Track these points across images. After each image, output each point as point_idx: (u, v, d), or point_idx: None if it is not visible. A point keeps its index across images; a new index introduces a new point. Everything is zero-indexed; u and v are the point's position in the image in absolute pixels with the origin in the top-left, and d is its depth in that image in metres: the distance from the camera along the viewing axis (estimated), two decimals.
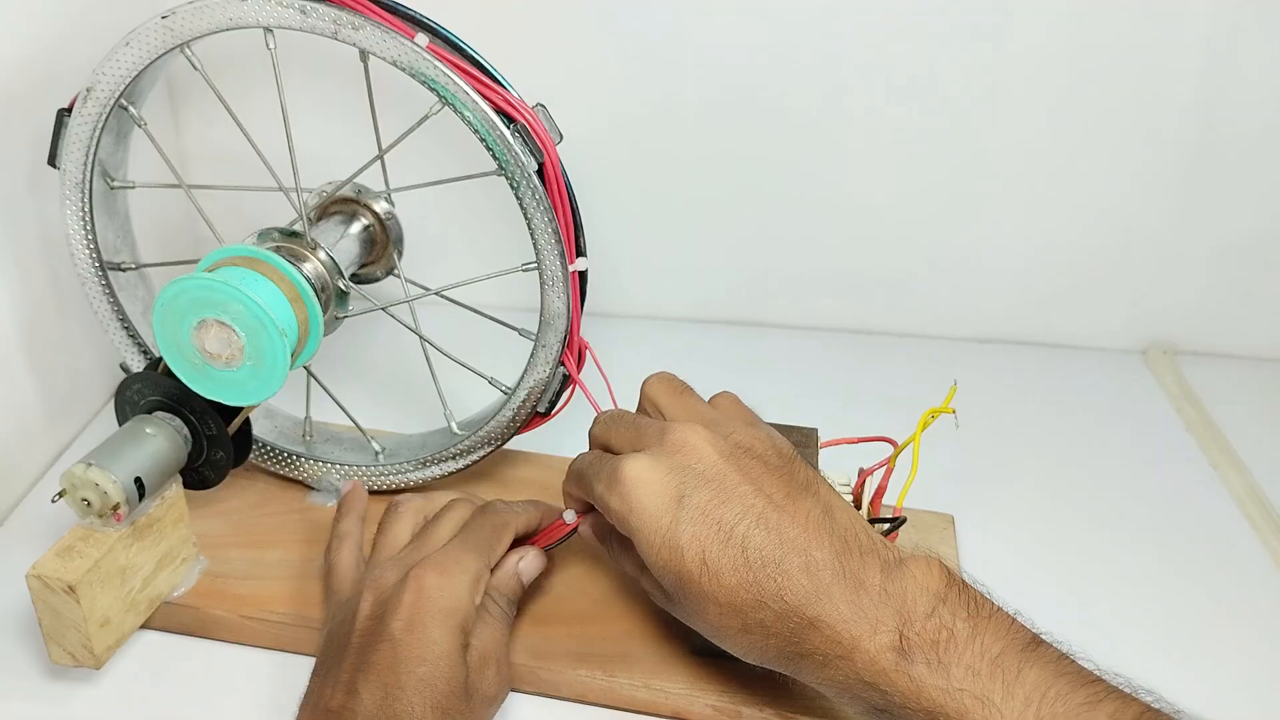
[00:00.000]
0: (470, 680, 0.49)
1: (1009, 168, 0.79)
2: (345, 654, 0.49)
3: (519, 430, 0.62)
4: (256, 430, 0.63)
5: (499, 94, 0.54)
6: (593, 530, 0.55)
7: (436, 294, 0.63)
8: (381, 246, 0.65)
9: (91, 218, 0.61)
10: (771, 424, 0.60)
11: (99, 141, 0.59)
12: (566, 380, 0.61)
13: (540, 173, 0.55)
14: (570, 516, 0.55)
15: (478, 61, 0.55)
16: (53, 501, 0.53)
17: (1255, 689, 0.57)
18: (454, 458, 0.64)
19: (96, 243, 0.62)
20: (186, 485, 0.58)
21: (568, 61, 0.77)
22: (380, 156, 0.60)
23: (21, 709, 0.54)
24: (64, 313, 0.69)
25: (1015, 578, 0.63)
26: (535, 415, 0.62)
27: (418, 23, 0.55)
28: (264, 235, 0.59)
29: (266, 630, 0.57)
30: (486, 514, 0.57)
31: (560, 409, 0.62)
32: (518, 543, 0.57)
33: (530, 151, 0.55)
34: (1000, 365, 0.83)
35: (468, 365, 0.63)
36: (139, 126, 0.60)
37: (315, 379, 0.65)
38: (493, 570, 0.54)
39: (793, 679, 0.47)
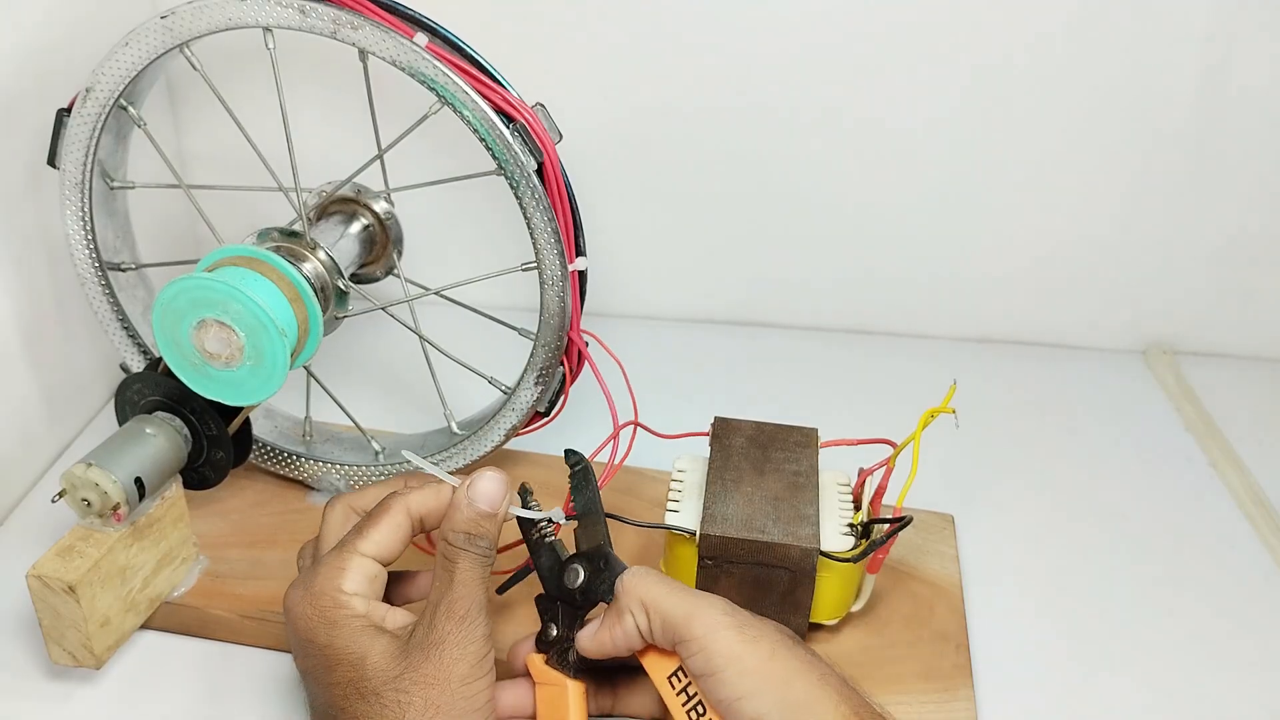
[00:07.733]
0: (418, 638, 0.47)
1: (1009, 167, 0.79)
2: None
3: (519, 430, 0.62)
4: (256, 430, 0.63)
5: (498, 94, 0.54)
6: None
7: (436, 294, 0.63)
8: (381, 246, 0.65)
9: (91, 218, 0.61)
10: (772, 424, 0.61)
11: (99, 142, 0.59)
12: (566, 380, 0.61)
13: (540, 172, 0.55)
14: (558, 515, 0.50)
15: (477, 61, 0.55)
16: (53, 501, 0.53)
17: (1255, 689, 0.57)
18: (454, 458, 0.64)
19: (96, 243, 0.62)
20: (186, 485, 0.58)
21: (568, 61, 0.77)
22: (380, 156, 0.60)
23: (21, 709, 0.54)
24: (64, 313, 0.69)
25: (1015, 578, 0.64)
26: (535, 415, 0.62)
27: (417, 22, 0.55)
28: (264, 235, 0.59)
29: (266, 630, 0.57)
30: (379, 503, 0.51)
31: (560, 409, 0.62)
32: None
33: (530, 151, 0.55)
34: (1000, 365, 0.83)
35: (468, 365, 0.63)
36: (139, 126, 0.60)
37: (315, 379, 0.65)
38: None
39: None
